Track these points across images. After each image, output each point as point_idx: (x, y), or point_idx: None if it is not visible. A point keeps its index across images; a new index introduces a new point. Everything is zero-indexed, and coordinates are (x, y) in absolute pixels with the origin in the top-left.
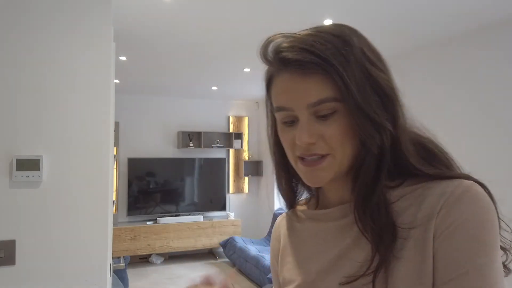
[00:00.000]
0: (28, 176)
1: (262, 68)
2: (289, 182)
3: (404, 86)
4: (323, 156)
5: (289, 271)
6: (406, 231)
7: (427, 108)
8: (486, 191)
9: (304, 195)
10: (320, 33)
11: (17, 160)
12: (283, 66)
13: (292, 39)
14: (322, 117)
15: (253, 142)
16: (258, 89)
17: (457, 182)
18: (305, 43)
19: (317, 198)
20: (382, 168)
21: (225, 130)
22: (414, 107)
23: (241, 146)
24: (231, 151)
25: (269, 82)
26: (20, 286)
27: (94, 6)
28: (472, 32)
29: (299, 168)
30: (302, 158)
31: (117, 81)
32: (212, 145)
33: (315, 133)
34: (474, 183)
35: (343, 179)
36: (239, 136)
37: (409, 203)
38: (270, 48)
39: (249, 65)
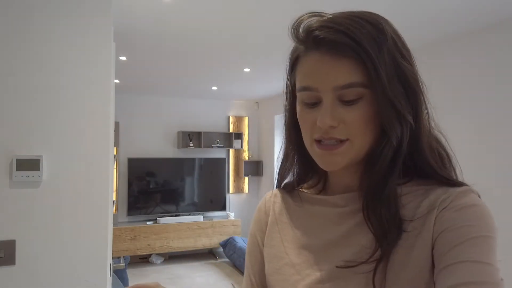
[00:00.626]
0: (28, 176)
1: (262, 68)
2: (300, 164)
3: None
4: (341, 141)
5: (276, 248)
6: (406, 223)
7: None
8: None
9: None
10: (355, 17)
11: (17, 160)
12: (315, 45)
13: (327, 19)
14: (347, 102)
15: (253, 142)
16: (258, 89)
17: (460, 188)
18: (340, 25)
19: (324, 184)
20: (397, 161)
21: (225, 130)
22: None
23: (241, 146)
24: (231, 151)
25: (295, 62)
26: (20, 286)
27: (94, 6)
28: (473, 32)
29: (315, 151)
30: (319, 141)
31: (117, 81)
32: (212, 145)
33: (337, 117)
34: (475, 192)
35: (354, 167)
36: (239, 136)
37: (409, 200)
38: (303, 26)
39: (249, 65)
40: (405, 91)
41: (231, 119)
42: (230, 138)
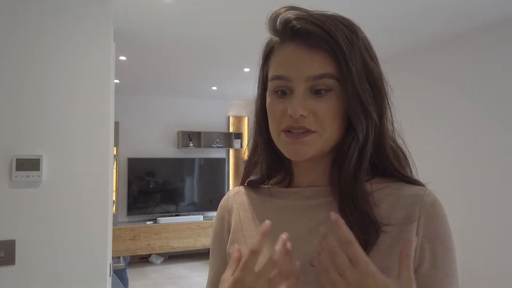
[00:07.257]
0: (28, 176)
1: None
2: (268, 158)
3: (402, 87)
4: (309, 131)
5: (243, 246)
6: (383, 225)
7: (424, 109)
8: None
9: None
10: (331, 17)
11: (17, 160)
12: (291, 36)
13: (304, 13)
14: (317, 94)
15: None
16: None
17: (423, 189)
18: (317, 19)
19: (290, 181)
20: (364, 158)
21: (225, 130)
22: (412, 109)
23: (241, 146)
24: (231, 151)
25: (269, 53)
26: (20, 286)
27: (94, 6)
28: (471, 32)
29: (282, 141)
30: (287, 131)
31: (117, 81)
32: (212, 145)
33: (308, 107)
34: (435, 195)
35: (320, 163)
36: (239, 136)
37: (379, 198)
38: (280, 18)
39: (249, 65)
40: (372, 91)
41: (231, 119)
42: (230, 138)
